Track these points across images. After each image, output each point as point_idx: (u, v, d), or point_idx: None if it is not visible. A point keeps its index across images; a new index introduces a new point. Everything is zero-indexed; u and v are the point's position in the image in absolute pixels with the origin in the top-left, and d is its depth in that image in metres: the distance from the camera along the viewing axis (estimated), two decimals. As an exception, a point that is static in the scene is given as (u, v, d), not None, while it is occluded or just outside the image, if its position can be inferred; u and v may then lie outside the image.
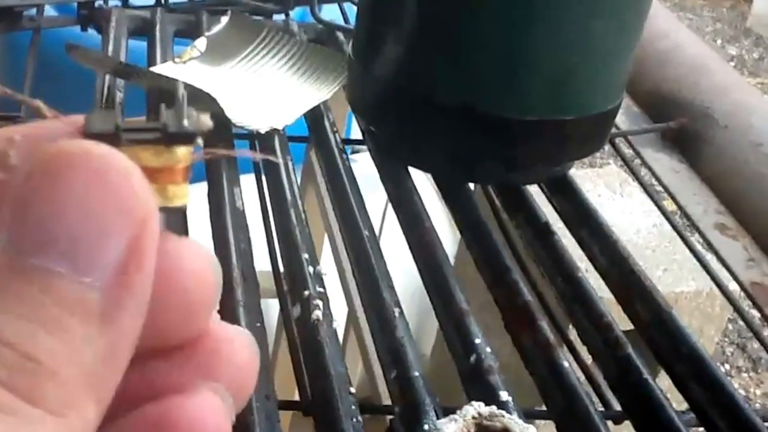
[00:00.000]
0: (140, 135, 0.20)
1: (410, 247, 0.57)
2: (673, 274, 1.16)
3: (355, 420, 0.43)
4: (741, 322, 2.08)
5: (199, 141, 0.20)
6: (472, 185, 0.65)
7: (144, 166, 0.19)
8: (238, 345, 0.22)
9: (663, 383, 0.50)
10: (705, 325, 1.21)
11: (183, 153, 0.20)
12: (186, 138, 0.20)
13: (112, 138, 0.19)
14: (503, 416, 0.37)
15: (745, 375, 1.99)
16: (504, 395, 0.44)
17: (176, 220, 0.20)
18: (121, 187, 0.18)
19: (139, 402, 0.20)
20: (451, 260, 0.79)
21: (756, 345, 2.06)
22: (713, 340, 1.32)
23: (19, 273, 0.18)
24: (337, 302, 0.51)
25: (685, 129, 0.74)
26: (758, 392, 1.94)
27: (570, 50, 0.58)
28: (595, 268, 0.57)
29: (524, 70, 0.58)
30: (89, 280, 0.18)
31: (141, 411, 0.20)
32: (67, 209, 0.18)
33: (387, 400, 0.48)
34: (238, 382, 0.21)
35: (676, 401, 0.49)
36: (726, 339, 2.04)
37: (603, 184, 1.27)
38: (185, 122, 0.20)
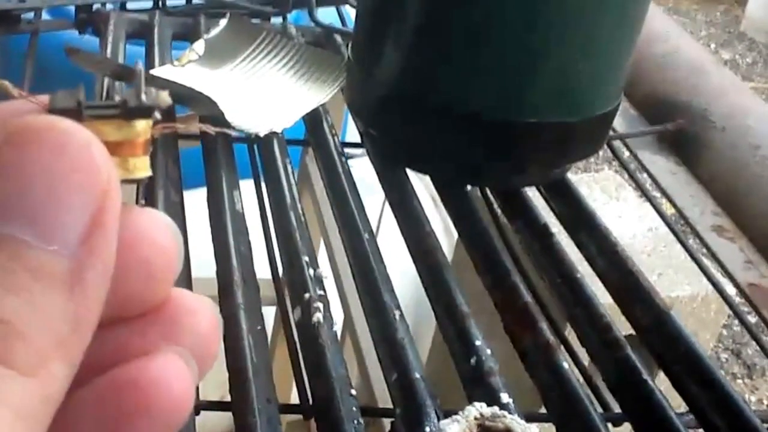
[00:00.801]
0: (101, 111, 0.21)
1: (410, 251, 0.57)
2: (668, 278, 1.16)
3: (356, 422, 0.43)
4: (736, 328, 2.09)
5: (157, 115, 0.22)
6: (469, 188, 0.65)
7: (105, 140, 0.20)
8: (200, 311, 0.23)
9: (662, 385, 0.50)
10: (700, 330, 1.21)
11: (143, 126, 0.21)
12: (145, 112, 0.21)
13: (75, 113, 0.20)
14: (505, 417, 0.37)
15: (740, 381, 1.99)
16: (505, 397, 0.44)
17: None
18: (83, 158, 0.19)
19: (105, 367, 0.21)
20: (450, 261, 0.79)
21: (750, 351, 2.06)
22: (708, 345, 1.32)
23: None
24: (334, 306, 0.51)
25: (682, 131, 0.74)
26: (753, 398, 1.94)
27: (570, 54, 0.58)
28: (594, 270, 0.57)
29: (524, 74, 0.58)
30: (55, 248, 0.19)
31: (108, 375, 0.21)
32: (32, 180, 0.18)
33: (383, 404, 0.48)
34: (201, 348, 0.22)
35: (675, 402, 0.49)
36: (720, 345, 2.04)
37: (599, 189, 1.27)
38: (143, 97, 0.21)
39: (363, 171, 0.69)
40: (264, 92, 0.72)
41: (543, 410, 0.48)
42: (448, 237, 1.09)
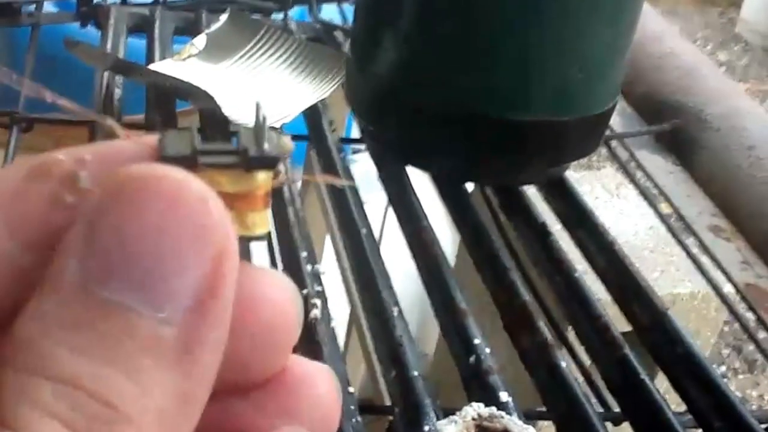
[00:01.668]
0: (218, 158, 0.18)
1: (409, 247, 0.56)
2: (669, 275, 1.16)
3: (354, 420, 0.42)
4: (737, 325, 2.09)
5: (281, 167, 0.19)
6: (469, 185, 0.64)
7: (222, 191, 0.18)
8: (319, 381, 0.20)
9: (661, 385, 0.49)
10: (701, 327, 1.20)
11: (263, 178, 0.19)
12: (267, 162, 0.18)
13: (188, 162, 0.18)
14: (503, 417, 0.36)
15: (741, 377, 1.99)
16: (504, 396, 0.44)
17: (243, 248, 0.19)
18: (198, 214, 0.17)
19: None
20: (452, 260, 0.79)
21: (752, 347, 2.06)
22: (709, 342, 1.31)
23: (90, 306, 0.16)
24: (339, 302, 0.50)
25: (679, 131, 0.73)
26: (755, 394, 1.94)
27: (565, 53, 0.57)
28: (593, 268, 0.57)
29: (520, 72, 0.57)
30: (164, 315, 0.16)
31: None
32: (140, 238, 0.16)
33: (389, 401, 0.47)
34: (320, 422, 0.20)
35: (674, 402, 0.48)
36: (722, 341, 2.04)
37: (600, 186, 1.27)
38: (266, 145, 0.19)
39: (368, 166, 0.69)
40: (264, 87, 0.72)
41: (542, 408, 0.48)
42: (453, 233, 1.08)
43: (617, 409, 0.49)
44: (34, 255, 0.17)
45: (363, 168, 0.67)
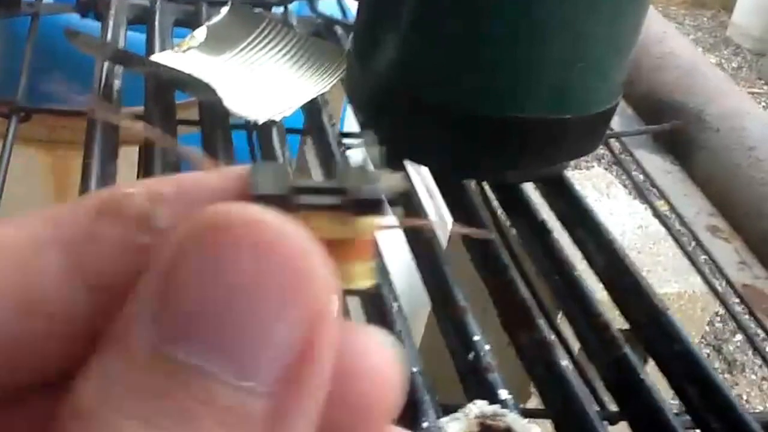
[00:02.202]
0: (318, 199, 0.15)
1: (409, 244, 0.55)
2: (656, 275, 1.15)
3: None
4: (718, 324, 2.09)
5: (392, 210, 0.16)
6: (467, 182, 0.63)
7: (321, 237, 0.15)
8: None
9: (660, 384, 0.49)
10: (686, 327, 1.20)
11: (371, 223, 0.16)
12: (376, 205, 0.16)
13: (284, 202, 0.15)
14: (506, 416, 0.35)
15: (720, 377, 2.00)
16: (503, 393, 0.43)
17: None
18: (297, 267, 0.14)
19: None
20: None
21: (731, 347, 2.06)
22: (693, 342, 1.31)
23: (163, 371, 0.14)
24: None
25: (678, 131, 0.72)
26: (733, 393, 1.95)
27: (567, 51, 0.56)
28: (592, 268, 0.56)
29: (521, 70, 0.57)
30: (251, 384, 0.14)
31: None
32: (226, 294, 0.14)
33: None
34: None
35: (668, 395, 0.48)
36: (703, 341, 2.05)
37: (590, 186, 1.26)
38: (376, 184, 0.16)
39: (362, 159, 0.68)
40: (264, 81, 0.71)
41: (539, 406, 0.47)
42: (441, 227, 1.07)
43: (613, 408, 0.48)
44: (102, 303, 0.15)
45: (356, 161, 0.66)
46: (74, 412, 0.14)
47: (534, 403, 0.50)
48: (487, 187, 0.64)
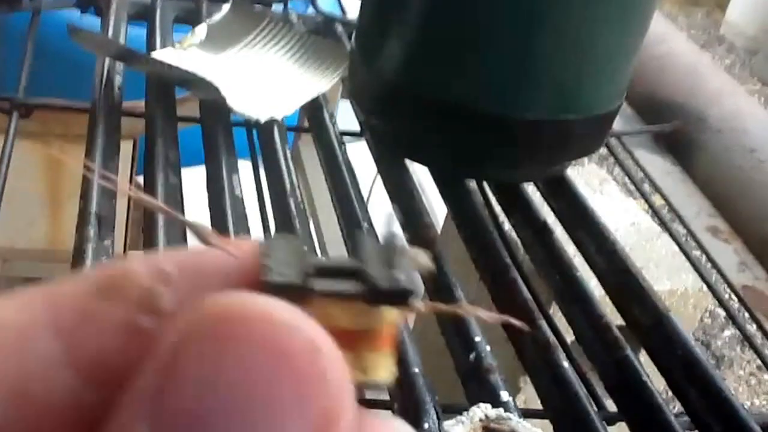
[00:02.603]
0: (336, 285, 0.14)
1: (409, 242, 0.54)
2: (649, 272, 1.15)
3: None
4: (707, 320, 2.10)
5: (417, 303, 0.14)
6: (469, 182, 0.63)
7: (337, 327, 0.14)
8: None
9: (659, 385, 0.48)
10: (678, 324, 1.20)
11: (393, 314, 0.15)
12: (399, 296, 0.14)
13: (299, 291, 0.14)
14: (510, 419, 0.35)
15: (720, 377, 2.00)
16: (504, 395, 0.42)
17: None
18: (307, 369, 0.13)
19: None
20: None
21: (720, 343, 2.07)
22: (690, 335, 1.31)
23: None
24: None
25: (679, 132, 0.72)
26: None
27: (574, 52, 0.56)
28: (592, 269, 0.55)
29: (527, 71, 0.56)
30: None
31: None
32: (229, 397, 0.13)
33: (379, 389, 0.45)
34: None
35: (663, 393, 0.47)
36: (692, 336, 2.06)
37: (583, 183, 1.25)
38: (398, 273, 0.14)
39: (360, 157, 0.67)
40: (265, 79, 0.70)
41: (539, 407, 0.47)
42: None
43: (612, 409, 0.47)
44: (102, 389, 0.14)
45: (354, 159, 0.65)
46: None
47: (524, 399, 0.50)
48: (487, 187, 0.63)
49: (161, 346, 0.13)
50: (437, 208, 0.81)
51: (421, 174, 0.77)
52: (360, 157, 0.65)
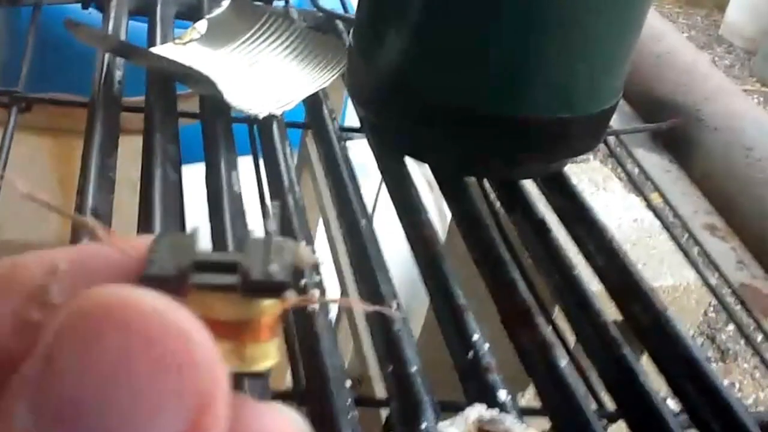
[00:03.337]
0: (213, 278, 0.15)
1: (408, 241, 0.54)
2: (651, 268, 1.14)
3: (350, 416, 0.40)
4: (711, 315, 2.10)
5: (290, 294, 0.15)
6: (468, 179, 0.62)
7: (215, 318, 0.14)
8: None
9: (658, 384, 0.47)
10: (682, 319, 1.19)
11: (269, 305, 0.15)
12: (271, 288, 0.15)
13: (175, 282, 0.14)
14: (505, 421, 0.34)
15: (714, 365, 2.00)
16: (503, 394, 0.42)
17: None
18: (179, 357, 0.13)
19: None
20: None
21: (725, 337, 2.07)
22: (688, 333, 1.31)
23: None
24: (331, 289, 0.48)
25: (676, 130, 0.71)
26: (726, 382, 1.95)
27: (568, 50, 0.55)
28: (592, 267, 0.55)
29: (522, 68, 0.55)
30: None
31: None
32: (102, 384, 0.13)
33: (378, 383, 0.45)
34: None
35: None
36: (697, 330, 2.06)
37: (586, 180, 1.25)
38: (273, 266, 0.15)
39: (360, 154, 0.66)
40: (265, 74, 0.69)
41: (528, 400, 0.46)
42: (441, 221, 1.06)
43: (611, 407, 0.47)
44: None
45: (357, 153, 0.64)
46: None
47: (531, 396, 0.49)
48: (486, 184, 0.63)
49: (44, 335, 0.13)
50: (445, 207, 0.81)
51: (419, 173, 0.76)
52: (368, 153, 0.64)
